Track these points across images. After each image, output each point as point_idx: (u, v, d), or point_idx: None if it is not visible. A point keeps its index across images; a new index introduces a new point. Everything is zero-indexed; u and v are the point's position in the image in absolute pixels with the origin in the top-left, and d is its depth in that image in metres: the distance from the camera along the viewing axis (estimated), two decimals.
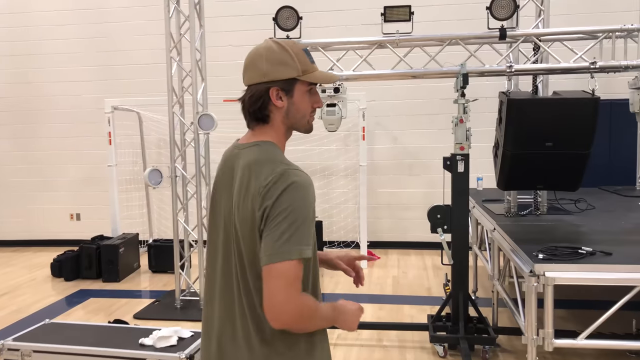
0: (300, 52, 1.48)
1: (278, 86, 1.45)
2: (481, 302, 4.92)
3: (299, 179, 1.38)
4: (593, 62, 3.78)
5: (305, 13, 4.55)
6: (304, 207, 1.36)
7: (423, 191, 7.16)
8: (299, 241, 1.34)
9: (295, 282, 1.34)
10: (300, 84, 1.47)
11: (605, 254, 2.94)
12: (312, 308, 1.39)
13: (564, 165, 3.77)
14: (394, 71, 4.01)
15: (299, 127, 1.53)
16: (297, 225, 1.34)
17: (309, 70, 1.48)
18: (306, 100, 1.50)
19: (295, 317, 1.35)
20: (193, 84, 4.90)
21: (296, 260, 1.33)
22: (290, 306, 1.34)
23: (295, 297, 1.34)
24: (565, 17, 6.09)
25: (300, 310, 1.36)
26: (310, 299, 1.40)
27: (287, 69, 1.45)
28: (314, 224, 1.40)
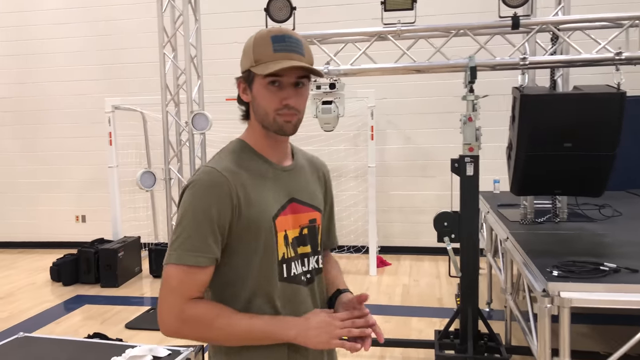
0: (264, 40, 1.31)
1: (242, 79, 1.37)
2: (497, 314, 4.56)
3: (200, 178, 1.29)
4: (618, 53, 3.39)
5: (303, 8, 4.26)
6: (192, 209, 1.27)
7: (437, 194, 6.79)
8: (182, 245, 1.26)
9: (178, 288, 1.26)
10: (258, 76, 1.31)
11: (632, 271, 2.56)
12: (203, 319, 1.27)
13: (585, 168, 3.37)
14: (395, 65, 3.67)
15: (267, 125, 1.35)
16: (182, 228, 1.27)
17: (263, 60, 1.30)
18: (266, 94, 1.31)
19: (175, 327, 1.27)
20: (187, 81, 4.65)
21: (179, 266, 1.25)
22: (168, 314, 1.27)
23: (174, 304, 1.26)
24: (589, 8, 5.66)
25: (182, 318, 1.26)
26: (203, 307, 1.28)
27: (245, 60, 1.34)
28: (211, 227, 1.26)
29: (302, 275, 1.40)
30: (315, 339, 1.29)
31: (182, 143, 4.78)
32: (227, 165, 1.32)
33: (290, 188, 1.40)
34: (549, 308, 2.43)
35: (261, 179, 1.35)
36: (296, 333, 1.29)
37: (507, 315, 3.79)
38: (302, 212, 1.41)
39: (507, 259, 3.62)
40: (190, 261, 1.25)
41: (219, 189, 1.27)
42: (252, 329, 1.28)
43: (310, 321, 1.31)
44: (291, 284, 1.36)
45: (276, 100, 1.31)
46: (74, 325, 4.71)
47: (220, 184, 1.28)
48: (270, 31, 1.33)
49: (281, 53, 1.29)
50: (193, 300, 1.27)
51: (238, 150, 1.38)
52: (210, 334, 1.29)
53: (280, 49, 1.29)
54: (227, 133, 6.48)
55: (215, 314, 1.28)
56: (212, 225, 1.26)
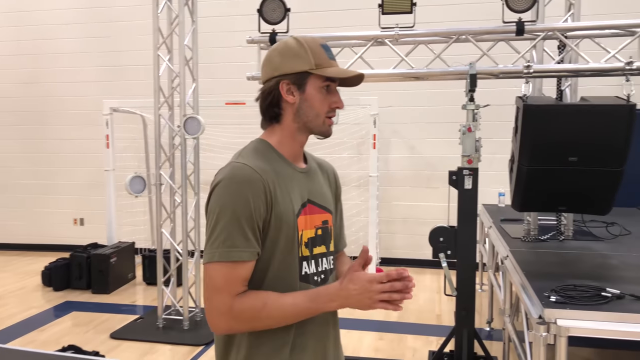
0: (316, 46, 1.40)
1: (289, 79, 1.39)
2: (497, 334, 4.34)
3: (231, 174, 1.31)
4: (629, 62, 3.18)
5: (299, 13, 4.11)
6: (229, 205, 1.28)
7: (442, 205, 6.56)
8: (224, 243, 1.28)
9: (225, 287, 1.28)
10: (314, 78, 1.38)
11: (637, 298, 2.35)
12: (252, 311, 1.29)
13: (591, 185, 3.16)
14: (393, 71, 3.49)
15: (313, 127, 1.41)
16: (222, 226, 1.28)
17: (324, 64, 1.38)
18: (320, 97, 1.39)
19: (228, 323, 1.30)
20: (182, 84, 4.51)
21: (223, 263, 1.28)
22: (218, 313, 1.29)
23: (223, 303, 1.29)
24: (600, 16, 5.46)
25: (233, 315, 1.29)
26: (250, 299, 1.30)
27: (299, 62, 1.38)
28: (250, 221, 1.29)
29: (314, 275, 1.43)
30: (356, 305, 1.30)
31: (174, 147, 4.64)
32: (256, 162, 1.35)
33: (307, 189, 1.45)
34: (545, 337, 2.24)
35: (285, 178, 1.39)
36: (338, 304, 1.32)
37: (505, 338, 3.58)
38: (317, 214, 1.46)
39: (506, 279, 3.42)
40: (234, 257, 1.28)
41: (254, 184, 1.30)
42: (297, 309, 1.31)
43: (350, 290, 1.30)
44: (303, 284, 1.39)
45: (327, 104, 1.40)
46: (57, 333, 4.56)
47: (255, 180, 1.31)
48: (315, 39, 1.42)
49: (333, 61, 1.41)
50: (239, 295, 1.30)
51: (262, 149, 1.41)
52: (261, 323, 1.32)
53: (331, 56, 1.41)
54: (227, 138, 6.34)
55: (262, 303, 1.30)
56: (251, 219, 1.29)
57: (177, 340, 4.35)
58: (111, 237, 6.40)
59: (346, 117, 6.31)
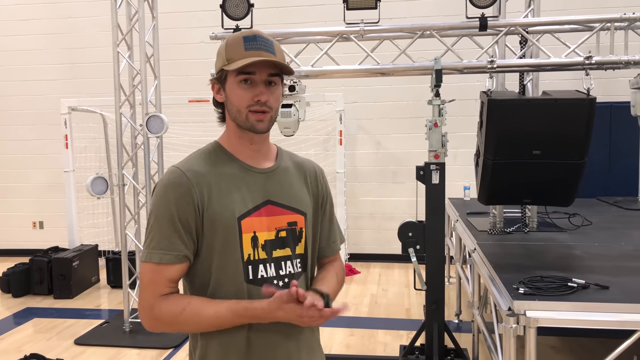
0: (234, 40, 1.35)
1: (216, 79, 1.40)
2: (466, 326, 4.40)
3: (163, 179, 1.35)
4: (588, 57, 3.26)
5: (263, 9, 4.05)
6: (156, 208, 1.32)
7: (408, 200, 6.63)
8: (150, 244, 1.31)
9: (148, 286, 1.31)
10: (230, 74, 1.35)
11: (601, 288, 2.41)
12: (171, 314, 1.30)
13: (554, 177, 3.24)
14: (358, 67, 3.48)
15: (240, 123, 1.37)
16: (150, 228, 1.33)
17: (235, 58, 1.33)
18: (239, 92, 1.34)
19: (150, 322, 1.33)
20: (143, 81, 4.39)
21: (148, 264, 1.31)
22: (142, 311, 1.33)
23: (146, 301, 1.32)
24: (559, 12, 5.60)
25: (153, 315, 1.31)
26: (170, 304, 1.31)
27: (219, 59, 1.38)
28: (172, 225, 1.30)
29: (274, 279, 1.38)
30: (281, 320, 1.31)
31: (137, 146, 4.52)
32: (191, 166, 1.35)
33: (267, 190, 1.40)
34: (515, 328, 2.27)
35: (230, 179, 1.36)
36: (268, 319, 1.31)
37: (475, 329, 3.63)
38: (279, 215, 1.40)
39: (474, 272, 3.46)
40: (156, 259, 1.30)
41: (180, 188, 1.30)
42: (219, 321, 1.31)
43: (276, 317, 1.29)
44: (254, 287, 1.35)
45: (248, 97, 1.33)
46: (18, 341, 4.39)
47: (180, 184, 1.31)
48: (242, 32, 1.37)
49: (252, 51, 1.32)
50: (163, 296, 1.31)
51: (209, 152, 1.40)
52: (180, 327, 1.33)
53: (250, 47, 1.33)
54: (192, 136, 6.20)
55: (181, 309, 1.31)
56: (175, 223, 1.29)
57: (145, 343, 4.24)
58: (72, 240, 6.20)
59: (312, 114, 6.28)
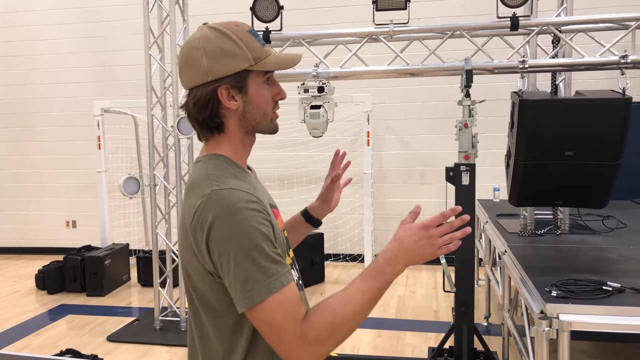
0: (246, 35, 1.19)
1: (227, 84, 1.17)
2: (495, 329, 4.35)
3: (226, 205, 1.10)
4: (624, 56, 3.19)
5: (292, 10, 4.08)
6: (243, 238, 1.08)
7: (436, 201, 6.58)
8: (259, 277, 1.08)
9: (289, 317, 1.09)
10: (254, 75, 1.19)
11: (638, 292, 2.36)
12: (328, 323, 1.10)
13: (587, 179, 3.17)
14: (387, 67, 3.47)
15: (262, 128, 1.25)
16: (244, 265, 1.08)
17: (262, 56, 1.19)
18: (265, 94, 1.22)
19: (311, 350, 1.10)
20: (174, 83, 4.47)
21: (271, 297, 1.08)
22: (297, 346, 1.09)
23: (294, 337, 1.09)
24: (593, 10, 5.48)
25: (311, 343, 1.10)
26: (318, 316, 1.11)
27: (235, 60, 1.16)
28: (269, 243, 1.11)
29: (299, 279, 1.32)
30: (419, 257, 1.16)
31: (168, 147, 4.60)
32: (235, 182, 1.16)
33: (265, 194, 1.30)
34: (547, 332, 2.24)
35: (256, 189, 1.21)
36: (403, 263, 1.15)
37: (505, 332, 3.58)
38: (279, 216, 1.32)
39: (504, 274, 3.42)
40: (277, 286, 1.09)
41: (253, 205, 1.12)
42: (367, 295, 1.13)
43: (408, 242, 1.15)
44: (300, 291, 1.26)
45: (270, 97, 1.24)
46: (53, 337, 4.51)
47: (251, 201, 1.13)
48: (240, 26, 1.22)
49: (267, 47, 1.22)
50: (305, 319, 1.11)
51: (226, 166, 1.21)
52: (342, 331, 1.13)
53: (263, 42, 1.22)
54: None
55: (331, 311, 1.12)
56: (269, 240, 1.11)
57: (175, 341, 4.31)
58: (104, 239, 6.34)
59: (339, 114, 6.29)
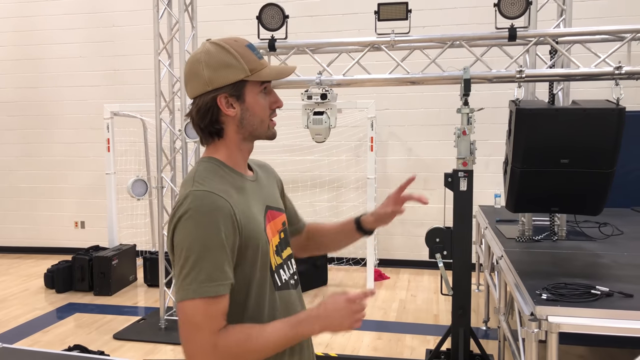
0: (244, 49, 1.31)
1: (226, 92, 1.29)
2: (493, 333, 4.42)
3: (195, 204, 1.21)
4: (618, 67, 3.28)
5: (296, 17, 4.19)
6: (199, 238, 1.19)
7: (439, 207, 6.65)
8: (198, 277, 1.17)
9: (205, 323, 1.18)
10: (251, 85, 1.31)
11: (625, 296, 2.44)
12: (238, 346, 1.20)
13: (583, 186, 3.26)
14: (389, 76, 3.58)
15: (259, 134, 1.36)
16: (194, 261, 1.18)
17: (258, 67, 1.31)
18: (261, 102, 1.34)
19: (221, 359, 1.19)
20: (182, 88, 4.59)
21: (200, 299, 1.17)
22: (204, 352, 1.18)
23: (205, 341, 1.18)
24: (592, 20, 5.56)
25: (218, 354, 1.19)
26: (235, 334, 1.21)
27: (233, 71, 1.29)
28: (223, 252, 1.20)
29: (290, 279, 1.41)
30: (338, 326, 1.28)
31: (175, 151, 4.72)
32: (217, 185, 1.26)
33: (264, 196, 1.40)
34: (536, 333, 2.32)
35: (244, 193, 1.32)
36: (320, 327, 1.27)
37: (500, 336, 3.66)
38: (277, 218, 1.43)
39: (501, 278, 3.50)
40: (211, 292, 1.18)
41: (221, 211, 1.21)
42: (282, 339, 1.25)
43: (331, 311, 1.27)
44: (284, 291, 1.37)
45: (267, 106, 1.35)
46: (61, 334, 4.64)
47: (221, 207, 1.22)
48: (238, 41, 1.34)
49: (263, 60, 1.34)
50: (221, 330, 1.20)
51: (214, 169, 1.31)
52: (248, 357, 1.23)
53: (259, 55, 1.34)
54: None
55: (247, 335, 1.22)
56: (224, 249, 1.20)
57: (179, 340, 4.41)
58: (112, 240, 6.47)
59: (344, 120, 6.40)
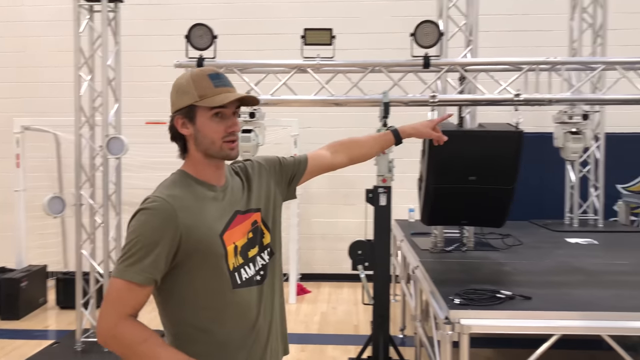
0: (202, 78, 1.49)
1: (181, 114, 1.50)
2: (410, 340, 4.68)
3: (150, 205, 1.43)
4: (517, 94, 3.68)
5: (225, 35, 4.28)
6: (137, 232, 1.41)
7: (359, 221, 6.90)
8: (125, 262, 1.38)
9: (115, 302, 1.39)
10: (201, 109, 1.48)
11: (525, 299, 2.74)
12: (130, 340, 1.37)
13: (488, 201, 3.61)
14: (314, 97, 3.77)
15: (213, 153, 1.52)
16: (130, 247, 1.39)
17: (208, 95, 1.48)
18: (212, 125, 1.49)
19: (104, 339, 1.39)
20: (104, 104, 4.51)
21: (119, 280, 1.38)
22: (103, 324, 1.39)
23: (110, 316, 1.38)
24: (496, 49, 6.10)
25: (113, 333, 1.37)
26: (135, 329, 1.39)
27: (186, 97, 1.49)
28: (155, 249, 1.39)
29: (254, 276, 1.56)
30: None
31: (95, 167, 4.61)
32: (171, 193, 1.47)
33: (232, 202, 1.56)
34: (450, 335, 2.55)
35: (204, 201, 1.50)
36: None
37: (417, 342, 3.91)
38: (246, 220, 1.58)
39: (417, 287, 3.76)
40: (128, 276, 1.38)
41: (165, 213, 1.42)
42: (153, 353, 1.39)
43: None
44: (244, 289, 1.52)
45: (221, 129, 1.50)
46: None
47: (165, 209, 1.42)
48: (204, 70, 1.52)
49: (222, 88, 1.50)
50: (128, 318, 1.39)
51: (179, 179, 1.53)
52: (131, 354, 1.39)
53: (219, 84, 1.50)
54: (145, 157, 6.28)
55: (143, 338, 1.38)
56: (155, 248, 1.39)
57: None
58: (20, 261, 6.10)
59: (267, 137, 6.50)
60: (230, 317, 1.50)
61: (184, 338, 1.49)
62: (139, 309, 1.42)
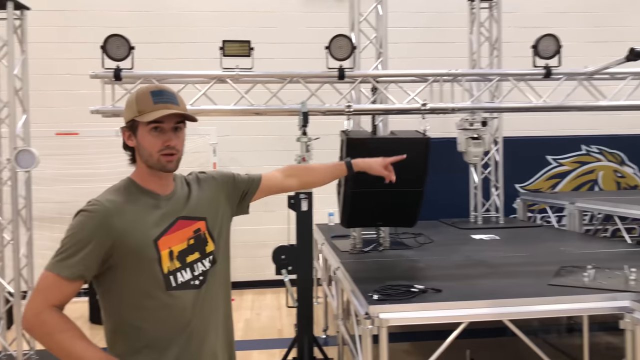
0: (143, 95, 1.61)
1: (126, 128, 1.65)
2: (333, 340, 4.86)
3: (88, 207, 1.56)
4: (424, 104, 3.98)
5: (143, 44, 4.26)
6: (71, 231, 1.53)
7: (280, 227, 7.01)
8: (56, 257, 1.51)
9: (43, 291, 1.50)
10: (142, 124, 1.60)
11: (436, 291, 2.99)
12: (50, 328, 1.48)
13: (400, 203, 3.86)
14: (235, 107, 3.86)
15: (151, 164, 1.62)
16: (63, 244, 1.53)
17: (146, 110, 1.58)
18: (150, 139, 1.60)
19: (28, 324, 1.50)
20: (11, 115, 4.31)
21: (49, 272, 1.51)
22: (29, 311, 1.50)
23: (36, 304, 1.50)
24: (405, 60, 6.48)
25: (36, 321, 1.48)
26: (57, 319, 1.49)
27: (129, 111, 1.63)
28: (84, 248, 1.51)
29: (191, 280, 1.65)
30: None
31: (2, 182, 4.38)
32: (111, 198, 1.59)
33: (175, 210, 1.67)
34: (370, 329, 2.73)
35: (144, 208, 1.61)
36: None
37: (340, 340, 4.09)
38: (187, 227, 1.68)
39: (338, 287, 3.94)
40: (57, 270, 1.50)
41: (99, 216, 1.54)
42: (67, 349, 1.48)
43: None
44: (179, 291, 1.61)
45: (159, 143, 1.60)
46: None
47: (99, 211, 1.55)
48: (149, 87, 1.66)
49: (160, 104, 1.60)
50: (53, 308, 1.50)
51: (124, 186, 1.65)
52: (49, 344, 1.48)
53: (158, 101, 1.60)
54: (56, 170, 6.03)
55: (64, 329, 1.49)
56: (86, 247, 1.51)
57: None
58: None
59: (185, 147, 6.45)
60: (162, 316, 1.59)
61: (120, 333, 1.60)
62: (65, 302, 1.53)
